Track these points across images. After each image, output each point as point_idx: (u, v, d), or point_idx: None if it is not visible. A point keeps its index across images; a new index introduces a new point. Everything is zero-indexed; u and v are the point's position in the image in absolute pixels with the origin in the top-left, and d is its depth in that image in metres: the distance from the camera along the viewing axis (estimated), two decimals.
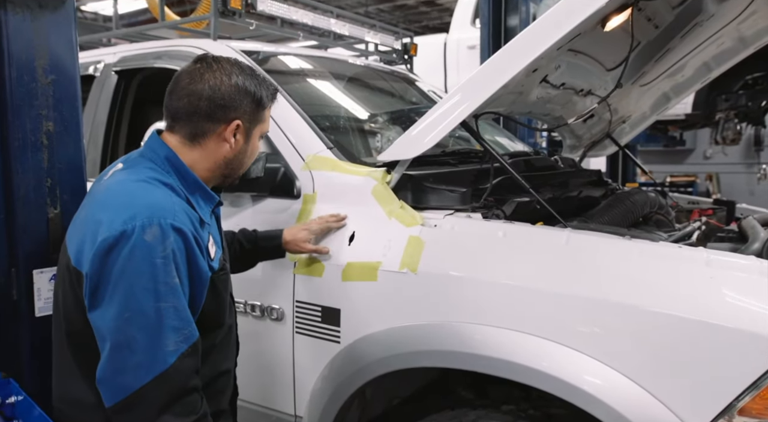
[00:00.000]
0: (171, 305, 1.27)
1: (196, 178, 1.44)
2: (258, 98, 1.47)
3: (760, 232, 1.93)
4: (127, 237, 1.24)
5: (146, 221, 1.26)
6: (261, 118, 1.51)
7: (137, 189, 1.33)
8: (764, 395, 1.25)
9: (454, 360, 1.61)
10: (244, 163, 1.54)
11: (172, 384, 1.26)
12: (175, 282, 1.28)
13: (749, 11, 2.32)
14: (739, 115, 6.22)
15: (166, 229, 1.27)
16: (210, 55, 1.49)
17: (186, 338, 1.29)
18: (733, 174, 10.05)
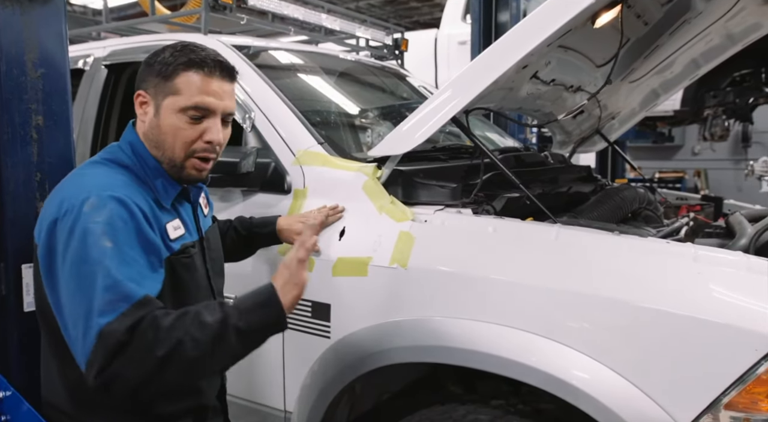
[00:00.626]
0: (105, 266, 1.25)
1: (156, 164, 1.46)
2: (160, 68, 1.43)
3: (747, 228, 1.94)
4: (69, 212, 1.30)
5: (86, 195, 1.31)
6: (168, 89, 1.42)
7: (87, 171, 1.43)
8: (750, 389, 1.27)
9: (443, 355, 1.61)
10: (163, 141, 1.44)
11: (109, 343, 1.21)
12: (112, 245, 1.28)
13: (737, 8, 2.33)
14: (727, 111, 6.27)
15: (103, 198, 1.31)
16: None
17: (125, 297, 1.25)
18: (721, 170, 10.12)
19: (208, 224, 1.69)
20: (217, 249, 1.70)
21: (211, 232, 1.69)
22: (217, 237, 1.75)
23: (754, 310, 1.33)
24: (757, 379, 1.26)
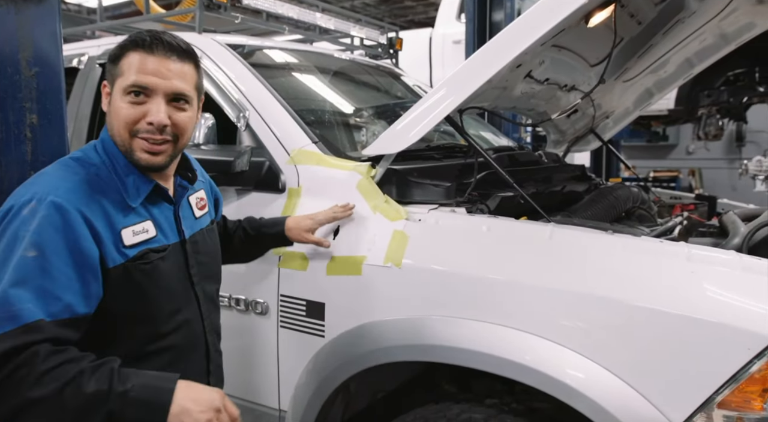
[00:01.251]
0: (6, 279, 1.18)
1: (127, 162, 1.40)
2: (111, 53, 1.40)
3: (740, 227, 1.95)
4: (9, 212, 1.26)
5: (29, 197, 1.26)
6: (116, 73, 1.38)
7: (50, 170, 1.38)
8: (743, 388, 1.27)
9: (437, 354, 1.61)
10: (112, 126, 1.39)
11: None
12: (36, 255, 1.20)
13: (730, 8, 2.34)
14: (721, 110, 6.29)
15: (43, 203, 1.25)
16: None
17: (12, 317, 1.15)
18: (716, 169, 10.15)
19: (200, 226, 1.61)
20: (210, 253, 1.62)
21: (203, 235, 1.61)
22: (213, 239, 1.66)
23: (747, 309, 1.33)
24: (749, 378, 1.26)
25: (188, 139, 1.48)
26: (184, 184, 1.56)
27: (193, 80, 1.44)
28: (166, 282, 1.45)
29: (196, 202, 1.61)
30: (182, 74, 1.40)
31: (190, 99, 1.43)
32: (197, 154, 1.89)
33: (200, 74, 1.48)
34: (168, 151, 1.41)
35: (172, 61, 1.39)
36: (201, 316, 1.55)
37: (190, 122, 1.45)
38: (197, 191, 1.62)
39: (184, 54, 1.41)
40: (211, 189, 1.76)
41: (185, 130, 1.43)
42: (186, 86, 1.41)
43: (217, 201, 1.80)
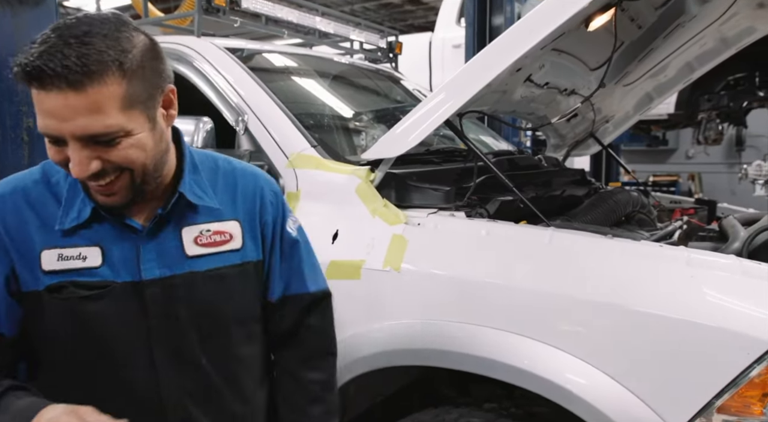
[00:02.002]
0: None
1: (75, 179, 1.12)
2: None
3: (740, 232, 1.95)
4: None
5: None
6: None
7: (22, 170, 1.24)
8: (743, 393, 1.27)
9: (436, 358, 1.61)
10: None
11: None
12: None
13: (731, 12, 2.34)
14: (721, 115, 6.29)
15: None
16: None
17: None
18: (715, 173, 10.16)
19: (195, 267, 1.21)
20: (209, 302, 1.23)
21: (196, 279, 1.21)
22: (225, 285, 1.25)
23: (747, 314, 1.33)
24: (749, 382, 1.26)
25: (151, 164, 1.11)
26: (171, 208, 1.20)
27: (118, 100, 1.02)
28: (94, 331, 1.16)
29: (197, 235, 1.23)
30: (88, 107, 1.00)
31: (120, 131, 1.04)
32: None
33: (140, 71, 1.05)
34: (123, 187, 1.11)
35: (67, 95, 0.99)
36: (158, 384, 1.20)
37: (133, 153, 1.07)
38: (208, 222, 1.24)
39: (83, 75, 0.98)
40: (260, 218, 1.31)
41: (131, 161, 1.08)
42: (101, 121, 1.01)
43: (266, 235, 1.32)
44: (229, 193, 1.29)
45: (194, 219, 1.23)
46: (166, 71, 1.14)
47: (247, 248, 1.28)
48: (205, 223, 1.24)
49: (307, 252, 1.40)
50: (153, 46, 1.10)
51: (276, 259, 1.34)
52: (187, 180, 1.22)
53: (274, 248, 1.33)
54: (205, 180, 1.26)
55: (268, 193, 1.33)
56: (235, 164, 1.35)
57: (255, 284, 1.31)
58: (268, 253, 1.33)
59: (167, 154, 1.18)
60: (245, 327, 1.30)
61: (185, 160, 1.24)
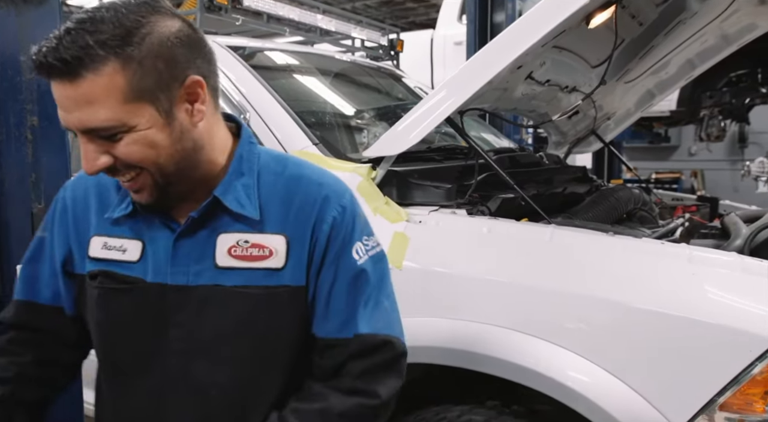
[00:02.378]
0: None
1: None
2: None
3: (742, 229, 1.94)
4: None
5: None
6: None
7: None
8: (745, 390, 1.27)
9: (438, 356, 1.61)
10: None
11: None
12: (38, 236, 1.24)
13: (731, 9, 2.34)
14: (723, 112, 6.28)
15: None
16: None
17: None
18: (718, 170, 10.14)
19: (222, 281, 1.09)
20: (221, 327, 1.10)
21: (219, 294, 1.09)
22: (244, 309, 1.10)
23: (749, 311, 1.33)
24: (751, 380, 1.26)
25: (168, 164, 1.03)
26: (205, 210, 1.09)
27: (119, 92, 0.95)
28: (112, 324, 1.15)
29: (232, 245, 1.10)
30: (84, 99, 0.95)
31: (119, 125, 0.97)
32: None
33: (150, 61, 0.97)
34: (147, 186, 1.05)
35: (64, 86, 0.95)
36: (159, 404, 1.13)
37: (138, 150, 1.00)
38: (248, 233, 1.10)
39: (79, 66, 0.93)
40: (313, 236, 1.11)
41: (138, 159, 1.01)
42: (97, 114, 0.96)
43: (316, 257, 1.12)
44: (285, 203, 1.12)
45: (234, 227, 1.10)
46: (193, 61, 1.03)
47: (287, 269, 1.10)
48: (244, 233, 1.09)
49: (378, 289, 1.15)
50: (180, 33, 1.00)
51: (325, 290, 1.12)
52: (228, 183, 1.10)
53: (324, 275, 1.12)
54: (255, 186, 1.11)
55: (332, 206, 1.12)
56: (306, 171, 1.17)
57: (291, 313, 1.12)
58: (314, 279, 1.12)
59: (201, 153, 1.07)
60: (270, 358, 1.13)
61: (234, 161, 1.12)
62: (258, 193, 1.11)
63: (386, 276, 1.18)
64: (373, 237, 1.18)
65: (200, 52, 1.05)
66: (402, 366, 1.15)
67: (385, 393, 1.10)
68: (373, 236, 1.18)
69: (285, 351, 1.13)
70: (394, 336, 1.14)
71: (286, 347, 1.13)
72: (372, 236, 1.18)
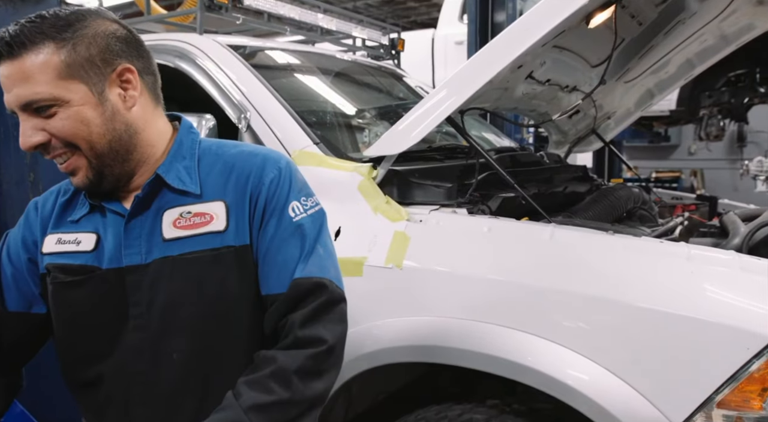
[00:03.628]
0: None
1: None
2: None
3: (741, 228, 1.95)
4: None
5: None
6: None
7: None
8: (742, 388, 1.27)
9: (439, 355, 1.61)
10: None
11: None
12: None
13: (730, 9, 2.35)
14: (722, 111, 6.29)
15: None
16: None
17: None
18: (717, 169, 10.16)
19: (175, 251, 1.16)
20: (183, 290, 1.16)
21: (175, 264, 1.16)
22: (203, 271, 1.16)
23: (747, 309, 1.33)
24: (749, 377, 1.27)
25: (100, 143, 1.12)
26: (149, 190, 1.18)
27: (53, 70, 1.07)
28: (73, 317, 1.20)
29: (176, 217, 1.18)
30: (23, 75, 1.07)
31: (53, 99, 1.08)
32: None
33: (82, 48, 1.10)
34: (82, 165, 1.14)
35: (7, 65, 1.08)
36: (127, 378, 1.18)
37: (71, 125, 1.10)
38: (191, 204, 1.19)
39: (21, 47, 1.06)
40: (252, 198, 1.20)
41: (72, 135, 1.10)
42: (33, 88, 1.07)
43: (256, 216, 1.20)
44: (223, 176, 1.21)
45: (178, 202, 1.19)
46: (127, 55, 1.17)
47: (230, 231, 1.17)
48: (186, 205, 1.18)
49: (315, 240, 1.21)
50: (117, 32, 1.16)
51: (265, 247, 1.19)
52: (169, 163, 1.20)
53: (266, 232, 1.19)
54: (196, 166, 1.22)
55: (269, 170, 1.21)
56: (243, 148, 1.27)
57: (238, 273, 1.18)
58: (256, 239, 1.19)
59: (137, 138, 1.18)
60: (224, 320, 1.18)
61: (173, 147, 1.23)
62: (198, 171, 1.21)
63: (324, 231, 1.25)
64: (312, 198, 1.26)
65: (136, 50, 1.19)
66: (342, 311, 1.20)
67: (330, 337, 1.14)
68: (312, 196, 1.26)
69: (240, 315, 1.19)
70: (327, 279, 1.18)
71: (240, 310, 1.19)
72: (311, 196, 1.26)
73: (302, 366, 1.11)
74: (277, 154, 1.26)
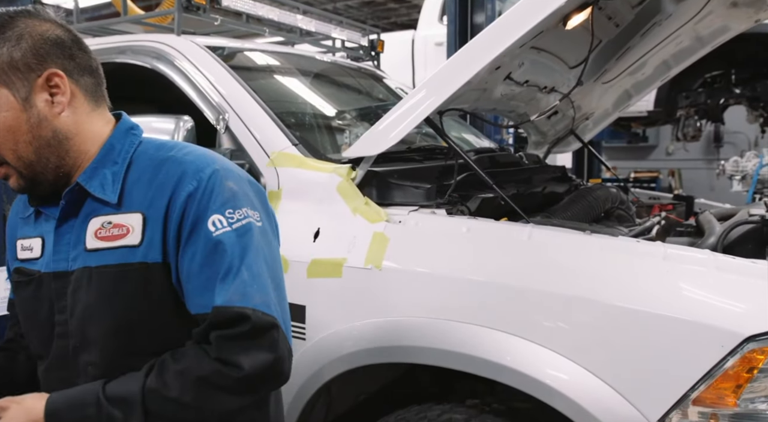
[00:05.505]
0: None
1: None
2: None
3: (716, 227, 1.98)
4: None
5: None
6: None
7: None
8: (717, 385, 1.29)
9: (419, 355, 1.62)
10: None
11: None
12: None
13: (705, 11, 2.38)
14: (699, 112, 6.37)
15: None
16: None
17: None
18: (694, 169, 10.30)
19: (93, 262, 1.14)
20: (91, 307, 1.14)
21: (89, 276, 1.14)
22: (115, 287, 1.13)
23: (721, 307, 1.35)
24: (723, 375, 1.28)
25: (26, 151, 1.12)
26: (69, 198, 1.17)
27: None
28: (24, 314, 1.26)
29: (98, 227, 1.15)
30: None
31: None
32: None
33: (6, 54, 1.09)
34: (12, 173, 1.15)
35: None
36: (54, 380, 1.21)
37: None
38: (113, 214, 1.15)
39: None
40: (168, 212, 1.13)
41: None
42: None
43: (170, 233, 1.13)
44: (148, 184, 1.15)
45: (102, 211, 1.16)
46: (57, 58, 1.12)
47: (143, 246, 1.12)
48: (108, 215, 1.15)
49: (241, 259, 1.11)
50: (48, 33, 1.12)
51: (186, 265, 1.12)
52: (93, 169, 1.16)
53: (184, 250, 1.12)
54: (122, 172, 1.17)
55: (188, 181, 1.12)
56: (177, 153, 1.19)
57: (147, 291, 1.13)
58: (174, 256, 1.13)
59: (68, 144, 1.15)
60: (136, 337, 1.14)
61: (100, 152, 1.18)
62: (126, 178, 1.16)
63: (250, 247, 1.12)
64: (241, 210, 1.14)
65: (69, 51, 1.14)
66: (270, 338, 1.09)
67: (248, 365, 1.07)
68: (241, 208, 1.14)
69: (153, 331, 1.15)
70: (250, 308, 1.08)
71: (153, 326, 1.15)
72: (240, 208, 1.14)
73: (208, 377, 1.08)
74: (204, 163, 1.16)
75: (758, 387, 1.29)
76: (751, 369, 1.28)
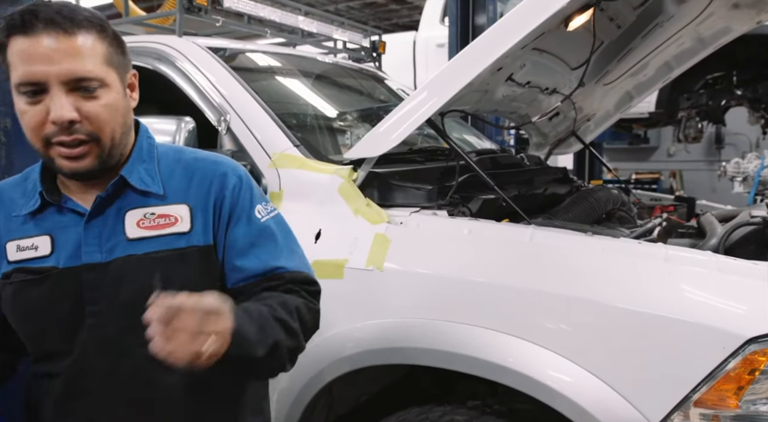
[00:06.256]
0: None
1: (42, 164, 1.26)
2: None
3: (717, 228, 1.97)
4: None
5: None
6: (8, 66, 1.14)
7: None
8: (718, 386, 1.29)
9: (420, 357, 1.62)
10: (26, 134, 1.16)
11: None
12: None
13: (707, 13, 2.38)
14: (700, 113, 6.36)
15: None
16: None
17: None
18: (696, 171, 10.29)
19: (139, 250, 1.21)
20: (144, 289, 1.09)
21: (137, 263, 1.20)
22: (166, 271, 1.19)
23: (723, 309, 1.35)
24: (725, 376, 1.28)
25: (118, 134, 1.18)
26: (112, 190, 1.21)
27: (100, 54, 1.14)
28: (31, 313, 1.23)
29: (140, 218, 1.23)
30: (76, 51, 1.10)
31: (101, 80, 1.13)
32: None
33: (115, 43, 1.19)
34: (93, 152, 1.15)
35: (58, 38, 1.09)
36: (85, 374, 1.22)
37: (108, 112, 1.14)
38: (154, 206, 1.24)
39: (73, 25, 1.11)
40: (216, 203, 1.27)
41: (105, 123, 1.14)
42: (85, 65, 1.11)
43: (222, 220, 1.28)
44: (185, 180, 1.27)
45: (141, 203, 1.23)
46: (130, 61, 1.27)
47: (195, 233, 1.24)
48: (149, 207, 1.23)
49: (287, 239, 1.34)
50: (119, 38, 1.22)
51: (241, 245, 1.27)
52: (132, 166, 1.24)
53: (235, 233, 1.27)
54: (157, 169, 1.27)
55: (230, 178, 1.29)
56: (200, 154, 1.34)
57: (202, 271, 1.24)
58: (222, 239, 1.27)
59: (129, 135, 1.25)
60: None
61: (134, 149, 1.27)
62: (159, 174, 1.27)
63: (289, 232, 1.37)
64: (269, 203, 1.36)
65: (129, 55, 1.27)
66: (320, 298, 1.37)
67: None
68: (269, 202, 1.37)
69: None
70: (312, 276, 1.35)
71: None
72: (269, 202, 1.37)
73: (302, 307, 1.26)
74: (234, 163, 1.35)
75: (760, 389, 1.29)
76: (752, 370, 1.28)
